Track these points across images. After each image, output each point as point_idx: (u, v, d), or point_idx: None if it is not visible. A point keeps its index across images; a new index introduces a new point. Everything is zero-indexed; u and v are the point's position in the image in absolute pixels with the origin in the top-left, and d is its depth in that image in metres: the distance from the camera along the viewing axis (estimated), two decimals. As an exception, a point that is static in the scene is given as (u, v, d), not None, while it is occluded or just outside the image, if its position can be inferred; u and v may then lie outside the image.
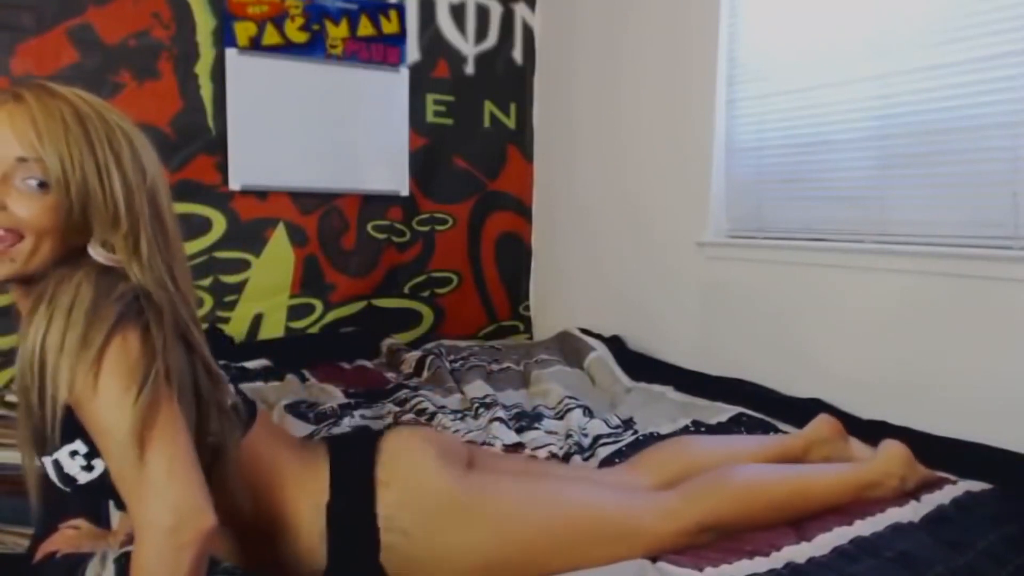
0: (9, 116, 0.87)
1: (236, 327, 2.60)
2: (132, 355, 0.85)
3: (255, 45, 2.54)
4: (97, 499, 1.24)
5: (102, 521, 1.31)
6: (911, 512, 1.21)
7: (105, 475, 0.90)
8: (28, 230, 0.87)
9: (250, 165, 2.56)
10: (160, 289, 0.91)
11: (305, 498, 1.03)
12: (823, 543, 1.11)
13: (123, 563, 1.05)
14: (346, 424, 1.77)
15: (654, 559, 1.07)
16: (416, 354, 2.45)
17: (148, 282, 0.90)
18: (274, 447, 1.06)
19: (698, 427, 1.72)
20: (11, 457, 2.02)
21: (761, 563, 1.05)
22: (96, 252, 0.90)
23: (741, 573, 1.04)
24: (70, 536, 1.20)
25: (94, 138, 0.89)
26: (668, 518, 1.13)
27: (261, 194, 2.61)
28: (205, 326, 2.53)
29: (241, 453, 0.99)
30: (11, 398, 2.20)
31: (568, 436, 1.69)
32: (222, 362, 1.87)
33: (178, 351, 0.90)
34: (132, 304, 0.87)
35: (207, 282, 2.54)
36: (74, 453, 0.90)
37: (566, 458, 1.57)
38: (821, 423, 1.47)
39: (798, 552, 1.09)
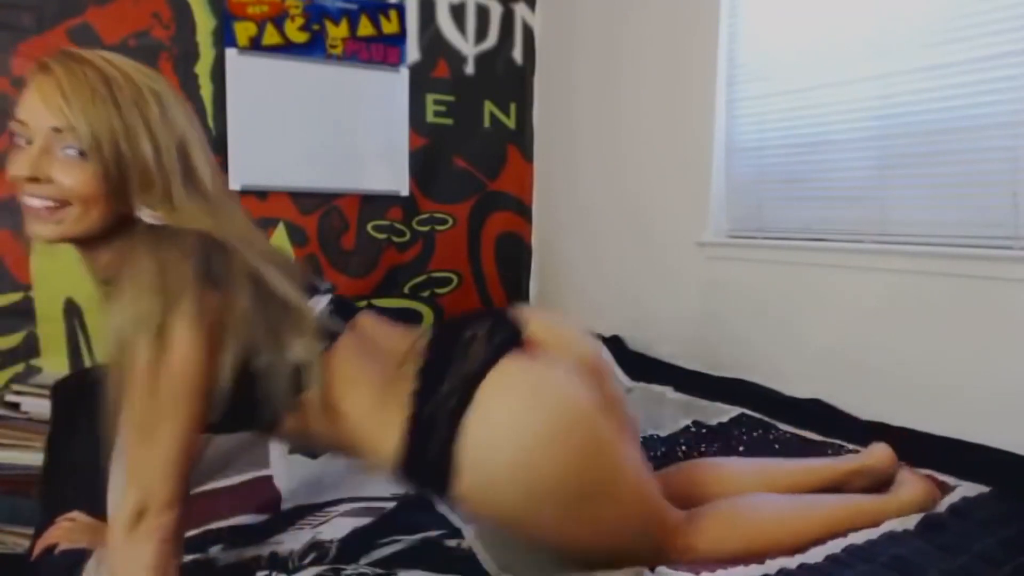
0: (38, 88, 0.89)
1: (236, 327, 2.60)
2: (186, 339, 0.86)
3: (255, 45, 2.53)
4: None
5: (101, 509, 1.32)
6: (906, 520, 1.19)
7: (230, 416, 0.94)
8: (75, 198, 0.90)
9: (250, 165, 2.56)
10: (211, 231, 0.92)
11: (379, 435, 0.99)
12: (816, 553, 1.10)
13: None
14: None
15: (652, 567, 1.06)
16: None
17: (197, 228, 0.92)
18: (355, 374, 1.01)
19: (699, 427, 1.72)
20: (11, 457, 2.03)
21: (755, 569, 1.06)
22: (144, 214, 0.92)
23: (737, 576, 1.04)
24: (67, 528, 1.20)
25: (121, 101, 0.90)
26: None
27: (261, 194, 2.61)
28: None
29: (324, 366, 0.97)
30: (11, 398, 2.20)
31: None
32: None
33: (244, 288, 0.91)
34: (199, 268, 0.88)
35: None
36: None
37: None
38: (876, 451, 1.38)
39: (791, 560, 1.08)
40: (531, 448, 0.95)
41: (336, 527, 1.18)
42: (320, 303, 1.02)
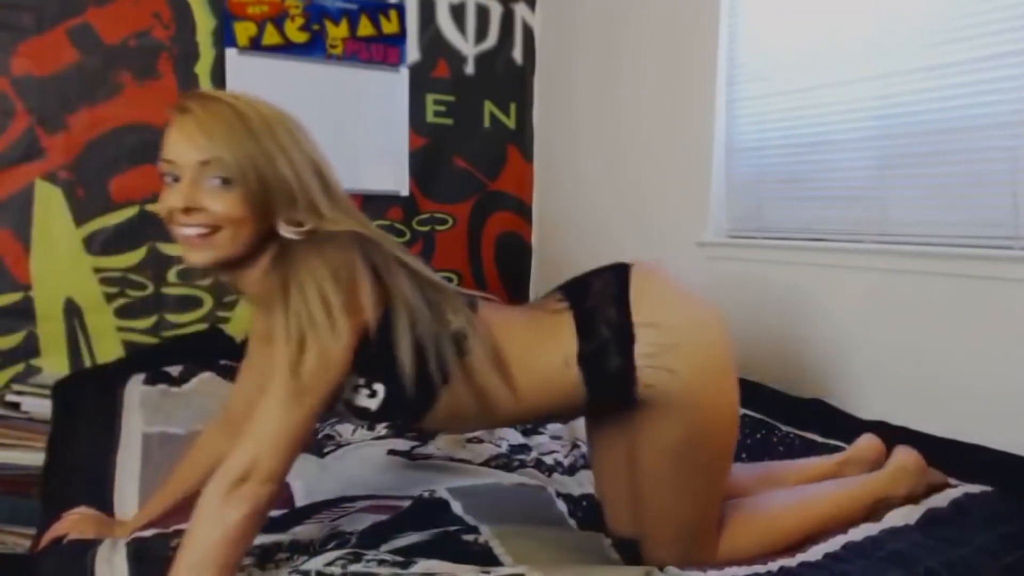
0: (180, 128, 0.99)
1: (237, 327, 2.60)
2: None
3: (255, 45, 2.54)
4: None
5: (105, 507, 1.33)
6: (908, 516, 1.21)
7: (387, 400, 1.03)
8: (225, 222, 0.99)
9: (250, 165, 2.56)
10: (359, 230, 1.02)
11: (550, 356, 1.06)
12: (816, 551, 1.12)
13: (133, 548, 1.07)
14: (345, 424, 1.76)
15: (661, 566, 1.07)
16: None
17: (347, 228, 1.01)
18: (507, 321, 1.11)
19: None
20: (11, 457, 2.02)
21: (759, 568, 1.07)
22: (284, 230, 1.00)
23: (741, 574, 1.05)
24: (74, 521, 1.22)
25: (255, 130, 0.99)
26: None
27: (261, 194, 2.61)
28: (205, 326, 2.55)
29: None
30: (11, 398, 2.20)
31: (575, 446, 1.68)
32: (224, 361, 1.89)
33: (400, 274, 1.01)
34: (364, 260, 0.98)
35: (207, 282, 2.54)
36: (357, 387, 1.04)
37: (571, 469, 1.56)
38: (865, 442, 1.44)
39: (791, 559, 1.10)
40: (696, 312, 1.09)
41: (354, 520, 1.19)
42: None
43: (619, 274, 1.11)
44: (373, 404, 1.04)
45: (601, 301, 1.08)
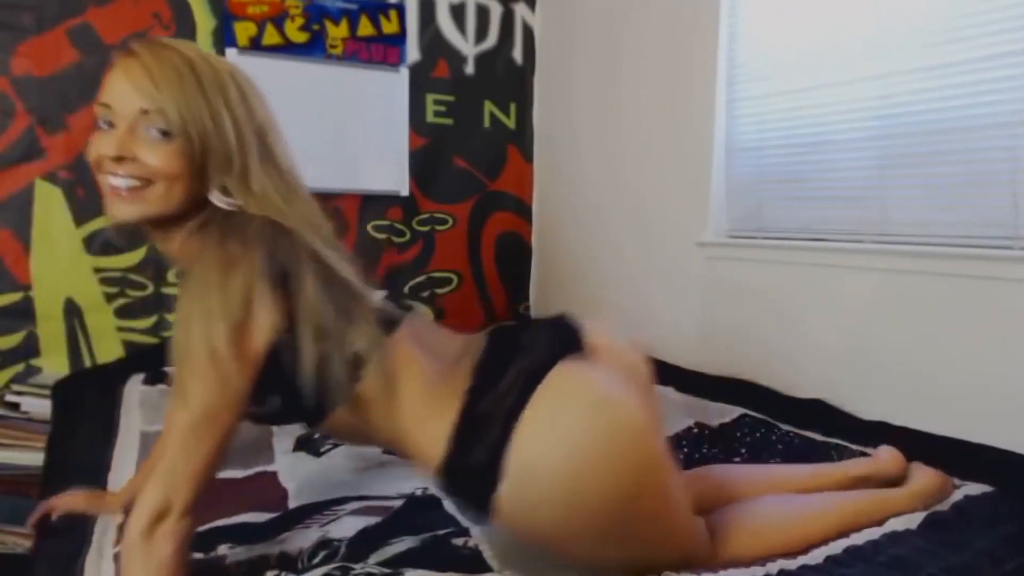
0: (125, 71, 0.92)
1: (236, 327, 2.60)
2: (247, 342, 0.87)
3: (255, 45, 2.54)
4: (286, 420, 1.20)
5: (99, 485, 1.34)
6: (910, 520, 1.20)
7: (283, 409, 0.97)
8: (158, 176, 0.92)
9: (250, 165, 2.56)
10: (279, 218, 0.95)
11: (424, 436, 0.98)
12: (817, 554, 1.10)
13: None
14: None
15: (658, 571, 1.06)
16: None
17: (266, 215, 0.94)
18: (414, 364, 1.00)
19: (701, 429, 1.72)
20: (11, 457, 2.02)
21: (757, 570, 1.06)
22: (215, 198, 0.95)
23: (739, 576, 1.04)
24: (66, 497, 1.23)
25: (205, 84, 0.93)
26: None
27: (261, 194, 2.61)
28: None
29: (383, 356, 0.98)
30: (11, 398, 2.20)
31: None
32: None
33: (310, 279, 0.92)
34: (264, 262, 0.89)
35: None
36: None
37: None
38: (884, 455, 1.38)
39: (791, 561, 1.08)
40: (583, 461, 0.90)
41: (344, 526, 1.18)
42: (378, 295, 1.04)
43: (539, 367, 0.96)
44: (267, 411, 0.98)
45: (496, 408, 0.93)
